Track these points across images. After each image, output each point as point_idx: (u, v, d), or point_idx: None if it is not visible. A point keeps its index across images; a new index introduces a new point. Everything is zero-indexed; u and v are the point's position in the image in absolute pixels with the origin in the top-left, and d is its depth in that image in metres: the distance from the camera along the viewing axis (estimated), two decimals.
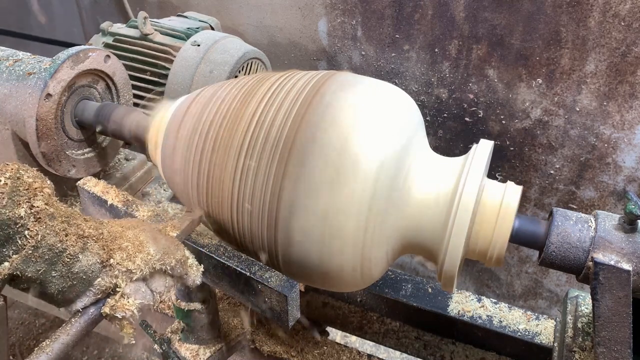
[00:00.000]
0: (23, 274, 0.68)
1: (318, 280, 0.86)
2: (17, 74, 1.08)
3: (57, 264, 0.71)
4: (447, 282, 0.81)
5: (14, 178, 0.69)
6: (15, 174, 0.69)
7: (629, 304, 0.75)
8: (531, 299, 2.18)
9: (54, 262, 0.70)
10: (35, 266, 0.69)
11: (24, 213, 0.67)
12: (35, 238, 0.68)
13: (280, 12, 2.05)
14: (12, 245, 0.67)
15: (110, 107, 1.11)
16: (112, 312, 0.75)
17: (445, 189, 0.80)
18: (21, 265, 0.67)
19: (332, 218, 0.77)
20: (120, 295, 0.76)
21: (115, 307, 0.75)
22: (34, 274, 0.69)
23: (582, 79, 1.67)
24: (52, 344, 0.71)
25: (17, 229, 0.67)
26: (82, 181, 1.05)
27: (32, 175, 0.71)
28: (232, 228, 0.88)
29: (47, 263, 0.70)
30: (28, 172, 0.71)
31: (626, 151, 1.71)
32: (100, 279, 0.75)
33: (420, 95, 1.95)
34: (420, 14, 1.80)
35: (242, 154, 0.82)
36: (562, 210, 0.83)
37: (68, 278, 0.72)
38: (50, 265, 0.70)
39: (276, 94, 0.85)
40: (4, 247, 0.67)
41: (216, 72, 1.40)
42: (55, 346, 0.71)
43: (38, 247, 0.68)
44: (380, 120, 0.79)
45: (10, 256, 0.67)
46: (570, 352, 0.91)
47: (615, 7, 1.52)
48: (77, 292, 0.74)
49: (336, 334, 2.21)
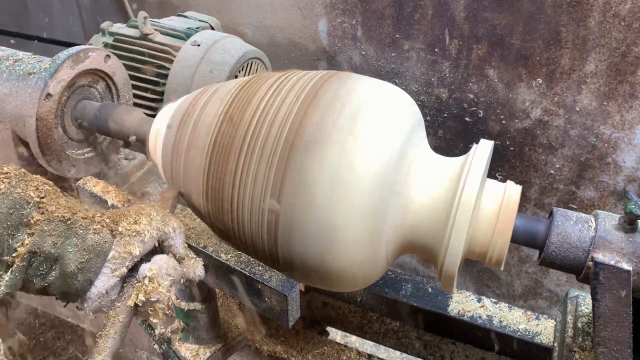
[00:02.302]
0: (41, 250, 0.69)
1: (318, 280, 0.86)
2: (17, 73, 1.08)
3: (71, 237, 0.72)
4: (447, 282, 0.81)
5: (17, 170, 0.72)
6: (17, 169, 0.72)
7: (629, 304, 0.75)
8: (531, 299, 2.18)
9: (68, 236, 0.72)
10: (51, 239, 0.70)
11: (32, 193, 0.70)
12: (45, 214, 0.70)
13: (281, 12, 2.05)
14: (26, 228, 0.69)
15: (111, 106, 1.11)
16: (146, 297, 0.75)
17: (445, 188, 0.80)
18: (38, 240, 0.69)
19: (332, 218, 0.77)
20: (148, 280, 0.76)
21: (148, 291, 0.75)
22: (51, 247, 0.70)
23: (582, 79, 1.67)
24: (104, 344, 0.73)
25: (29, 209, 0.69)
26: (82, 181, 1.05)
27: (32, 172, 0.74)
28: (232, 228, 0.88)
29: (62, 236, 0.71)
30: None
31: (626, 151, 1.71)
32: (114, 251, 0.75)
33: (420, 95, 1.95)
34: (421, 13, 1.80)
35: (242, 154, 0.82)
36: (562, 210, 0.83)
37: (85, 251, 0.72)
38: (65, 238, 0.71)
39: (276, 94, 0.85)
40: (19, 231, 0.69)
41: (216, 72, 1.40)
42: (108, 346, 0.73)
43: (51, 221, 0.70)
44: (381, 120, 0.79)
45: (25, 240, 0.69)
46: (570, 352, 0.91)
47: (616, 7, 1.52)
48: (95, 269, 0.74)
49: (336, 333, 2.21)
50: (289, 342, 1.20)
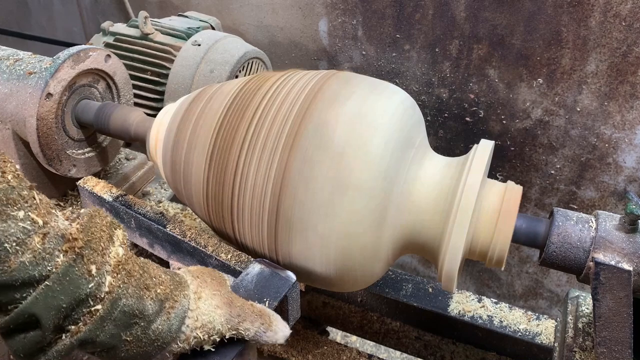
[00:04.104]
0: (94, 341, 0.58)
1: (318, 280, 0.85)
2: (17, 73, 1.08)
3: (133, 326, 0.61)
4: (448, 282, 0.81)
5: (86, 226, 0.60)
6: (90, 216, 0.61)
7: (629, 304, 0.75)
8: (532, 299, 2.18)
9: (129, 325, 0.61)
10: (108, 331, 0.59)
11: (95, 271, 0.58)
12: (109, 297, 0.58)
13: (281, 12, 2.05)
14: (82, 307, 0.57)
15: (111, 106, 1.11)
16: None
17: (445, 188, 0.80)
18: (93, 331, 0.58)
19: (333, 218, 0.77)
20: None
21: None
22: (105, 339, 0.59)
23: (582, 79, 1.67)
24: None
25: (92, 290, 0.57)
26: (83, 180, 1.05)
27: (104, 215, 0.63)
28: (232, 228, 0.88)
29: (122, 326, 0.60)
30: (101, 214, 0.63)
31: (627, 151, 1.71)
32: (174, 344, 0.65)
33: (420, 95, 1.95)
34: (421, 13, 1.80)
35: (243, 154, 0.82)
36: (562, 210, 0.83)
37: (142, 342, 0.62)
38: (124, 328, 0.60)
39: (277, 94, 0.85)
40: (74, 311, 0.57)
41: (217, 71, 1.40)
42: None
43: (113, 311, 0.59)
44: (381, 120, 0.79)
45: (80, 319, 0.58)
46: (570, 352, 0.91)
47: (616, 7, 1.52)
48: (148, 358, 0.64)
49: (336, 333, 2.22)
50: (289, 342, 1.20)
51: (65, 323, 0.57)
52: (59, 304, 0.55)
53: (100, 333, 0.58)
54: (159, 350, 0.64)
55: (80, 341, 0.57)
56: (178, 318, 0.65)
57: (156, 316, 0.63)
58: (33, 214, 0.55)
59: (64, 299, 0.55)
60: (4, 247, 0.53)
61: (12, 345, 0.57)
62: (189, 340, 0.66)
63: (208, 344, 0.68)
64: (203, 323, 0.66)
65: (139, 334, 0.62)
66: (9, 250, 0.53)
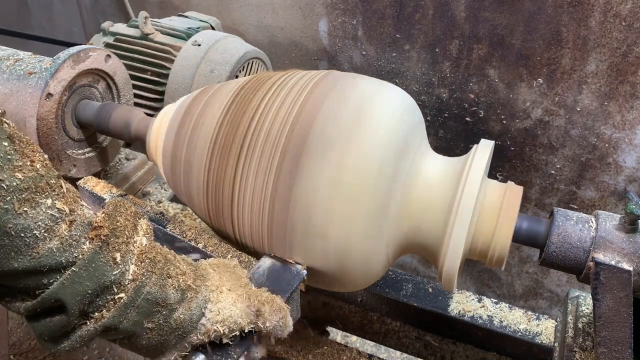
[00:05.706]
0: (117, 327, 0.59)
1: (318, 280, 0.86)
2: (17, 73, 1.08)
3: (155, 314, 0.62)
4: (448, 282, 0.81)
5: (111, 213, 0.61)
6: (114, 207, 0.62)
7: (629, 304, 0.75)
8: (532, 299, 2.18)
9: (151, 313, 0.62)
10: (131, 318, 0.60)
11: (120, 258, 0.59)
12: (133, 285, 0.59)
13: (281, 12, 2.05)
14: (107, 294, 0.59)
15: (111, 106, 1.11)
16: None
17: (445, 189, 0.80)
18: (116, 318, 0.59)
19: (333, 218, 0.77)
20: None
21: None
22: (128, 326, 0.60)
23: (582, 79, 1.67)
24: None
25: (116, 277, 0.58)
26: (83, 180, 1.05)
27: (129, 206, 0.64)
28: (232, 228, 0.88)
29: (144, 314, 0.61)
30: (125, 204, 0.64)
31: (627, 151, 1.71)
32: (194, 335, 0.66)
33: (421, 95, 1.95)
34: (421, 13, 1.80)
35: (243, 154, 0.82)
36: (562, 210, 0.83)
37: (163, 331, 0.63)
38: (147, 316, 0.61)
39: (277, 94, 0.85)
40: (98, 297, 0.58)
41: (217, 71, 1.40)
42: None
43: (136, 298, 0.60)
44: (381, 119, 0.79)
45: (104, 306, 0.59)
46: (570, 352, 0.91)
47: (616, 7, 1.52)
48: (168, 346, 0.65)
49: (337, 333, 2.21)
50: (289, 342, 1.20)
51: (90, 309, 0.58)
52: (84, 290, 0.56)
53: (124, 320, 0.59)
54: (179, 340, 0.65)
55: (104, 327, 0.59)
56: (199, 308, 0.66)
57: (178, 305, 0.64)
58: (60, 201, 0.57)
59: (89, 285, 0.57)
60: (33, 234, 0.54)
61: (38, 328, 0.58)
62: (209, 334, 0.67)
63: (227, 337, 0.68)
64: (224, 317, 0.67)
65: (161, 322, 0.62)
66: (37, 237, 0.54)
